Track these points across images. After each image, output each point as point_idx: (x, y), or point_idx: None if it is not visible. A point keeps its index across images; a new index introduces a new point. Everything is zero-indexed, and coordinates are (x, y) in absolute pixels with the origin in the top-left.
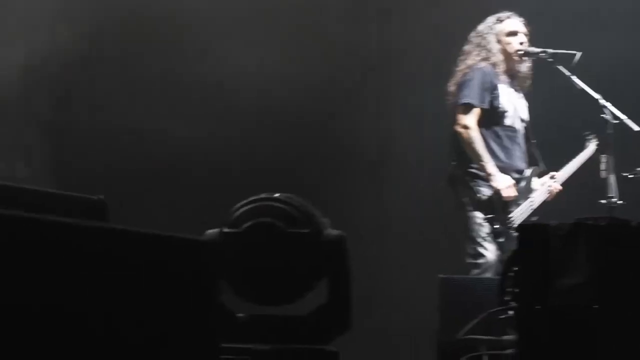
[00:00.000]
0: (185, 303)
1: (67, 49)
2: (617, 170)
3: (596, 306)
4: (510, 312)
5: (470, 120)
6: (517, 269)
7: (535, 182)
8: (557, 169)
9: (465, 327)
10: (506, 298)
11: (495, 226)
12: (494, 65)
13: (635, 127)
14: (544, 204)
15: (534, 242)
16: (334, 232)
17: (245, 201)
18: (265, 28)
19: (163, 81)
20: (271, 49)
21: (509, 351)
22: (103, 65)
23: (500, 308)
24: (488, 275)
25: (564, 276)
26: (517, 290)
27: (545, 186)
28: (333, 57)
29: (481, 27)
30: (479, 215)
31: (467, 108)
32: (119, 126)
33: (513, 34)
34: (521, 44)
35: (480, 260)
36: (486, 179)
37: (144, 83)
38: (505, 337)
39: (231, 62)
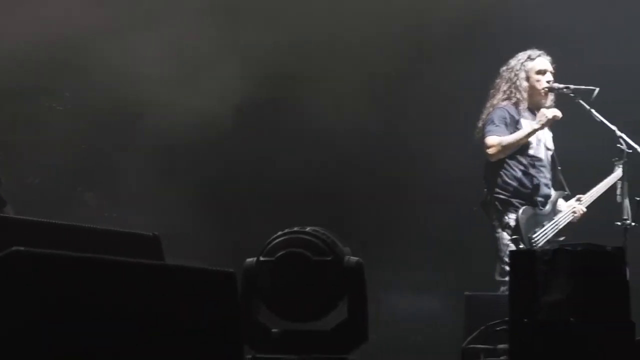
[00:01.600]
0: (219, 323)
1: None
2: (631, 195)
3: (573, 320)
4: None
5: (494, 141)
6: (510, 288)
7: (562, 205)
8: (582, 192)
9: (469, 338)
10: None
11: (520, 246)
12: (517, 101)
13: None
14: (570, 225)
15: (523, 266)
16: (353, 259)
17: (279, 233)
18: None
19: None
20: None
21: (502, 358)
22: None
23: (496, 322)
24: None
25: (548, 294)
26: (510, 305)
27: (570, 208)
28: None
29: (513, 63)
30: (505, 237)
31: (491, 137)
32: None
33: (542, 72)
34: (548, 82)
35: (507, 278)
36: (509, 197)
37: None
38: (500, 346)
39: None
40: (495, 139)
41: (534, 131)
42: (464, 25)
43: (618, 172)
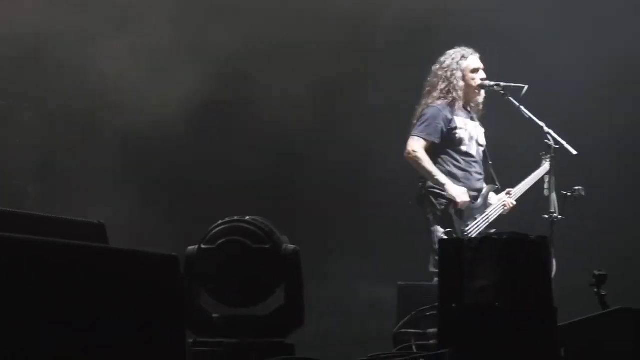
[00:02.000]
0: (162, 304)
1: None
2: (558, 189)
3: (498, 305)
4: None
5: (416, 146)
6: (439, 275)
7: (493, 199)
8: (512, 186)
9: (400, 323)
10: None
11: None
12: (453, 100)
13: (573, 152)
14: (501, 217)
15: (451, 254)
16: (290, 246)
17: (219, 222)
18: None
19: None
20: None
21: (432, 342)
22: None
23: (426, 307)
24: None
25: (475, 280)
26: (439, 291)
27: (501, 202)
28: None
29: (448, 62)
30: (439, 230)
31: (415, 139)
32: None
33: (476, 70)
34: (482, 79)
35: None
36: (442, 190)
37: None
38: (430, 330)
39: None
40: (419, 150)
41: (441, 184)
42: (408, 29)
43: (545, 167)
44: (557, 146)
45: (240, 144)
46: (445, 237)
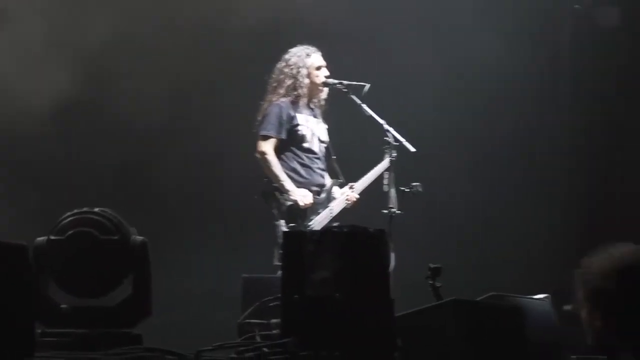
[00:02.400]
0: (10, 294)
1: None
2: (397, 184)
3: (338, 296)
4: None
5: (267, 148)
6: (282, 267)
7: (337, 193)
8: (355, 181)
9: (244, 314)
10: None
11: None
12: (297, 97)
13: (411, 149)
14: (345, 211)
15: (294, 246)
16: (138, 238)
17: (68, 213)
18: None
19: None
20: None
21: (275, 331)
22: None
23: (269, 298)
24: None
25: (316, 272)
26: (282, 283)
27: (344, 196)
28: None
29: (293, 60)
30: (283, 224)
31: (264, 138)
32: None
33: (319, 68)
34: (325, 77)
35: None
36: (286, 193)
37: None
38: (273, 321)
39: None
40: (269, 152)
41: (285, 191)
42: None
43: (386, 162)
44: (397, 143)
45: (94, 141)
46: (285, 232)
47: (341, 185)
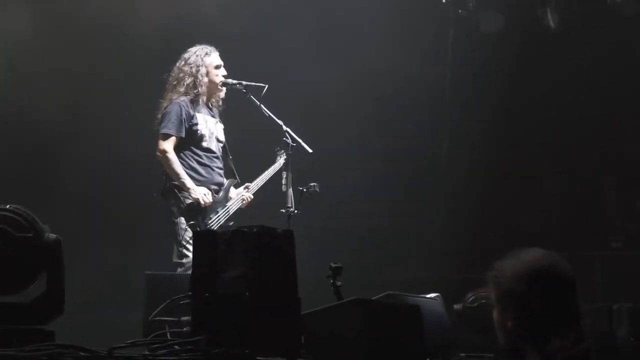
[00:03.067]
0: None
1: None
2: (295, 184)
3: (248, 294)
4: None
5: (167, 146)
6: (193, 265)
7: (233, 192)
8: (250, 181)
9: (155, 312)
10: None
11: (197, 230)
12: (196, 96)
13: (309, 149)
14: (240, 211)
15: (205, 245)
16: (52, 236)
17: None
18: None
19: None
20: None
21: (186, 329)
22: None
23: (180, 296)
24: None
25: (227, 271)
26: (193, 281)
27: (240, 196)
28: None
29: (192, 58)
30: (183, 221)
31: (165, 136)
32: None
33: (218, 67)
34: (224, 76)
35: (184, 260)
36: (186, 191)
37: None
38: (184, 318)
39: None
40: (170, 151)
41: (186, 188)
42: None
43: (280, 162)
44: (295, 144)
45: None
46: (189, 229)
47: (237, 185)
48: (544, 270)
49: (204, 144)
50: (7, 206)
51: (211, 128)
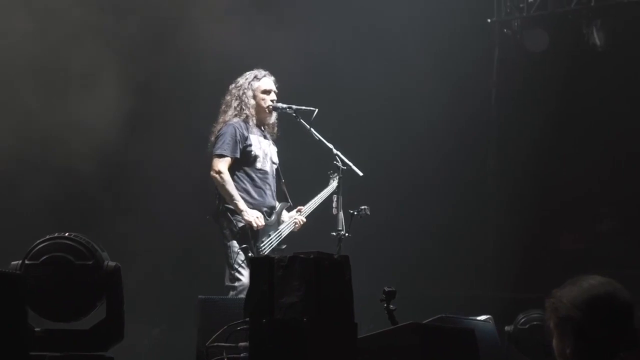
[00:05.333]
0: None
1: None
2: (345, 207)
3: (306, 319)
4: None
5: (222, 167)
6: (250, 291)
7: (285, 216)
8: (302, 204)
9: (213, 337)
10: None
11: (249, 254)
12: (247, 118)
13: (359, 173)
14: (292, 234)
15: (262, 270)
16: (112, 263)
17: (42, 238)
18: None
19: None
20: None
21: (244, 355)
22: None
23: (237, 322)
24: (243, 296)
25: (284, 297)
26: (250, 307)
27: (292, 219)
28: None
29: (242, 82)
30: (235, 245)
31: (220, 157)
32: None
33: (267, 92)
34: (272, 101)
35: (237, 284)
36: (239, 214)
37: None
38: (241, 344)
39: None
40: (225, 172)
41: (239, 211)
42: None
43: (332, 186)
44: (345, 167)
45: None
46: (241, 252)
47: (289, 209)
48: (601, 297)
49: (258, 165)
50: (67, 234)
51: (265, 149)
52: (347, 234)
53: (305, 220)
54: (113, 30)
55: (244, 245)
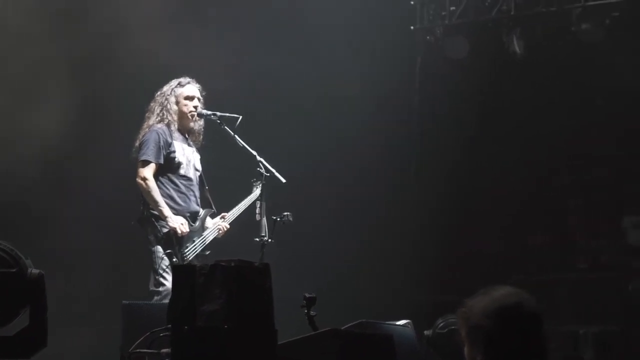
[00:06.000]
0: None
1: None
2: (268, 214)
3: (227, 326)
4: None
5: (147, 173)
6: (172, 298)
7: (209, 222)
8: (226, 211)
9: (136, 343)
10: None
11: (173, 259)
12: (169, 124)
13: (282, 180)
14: (216, 240)
15: (184, 278)
16: (35, 271)
17: None
18: None
19: None
20: None
21: None
22: None
23: (160, 328)
24: (167, 301)
25: (205, 304)
26: (172, 314)
27: (216, 225)
28: None
29: (165, 88)
30: (160, 250)
31: (144, 163)
32: None
33: (190, 98)
34: (195, 107)
35: (161, 289)
36: (164, 220)
37: None
38: (164, 350)
39: None
40: (150, 179)
41: (164, 217)
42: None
43: (256, 193)
44: (268, 174)
45: None
46: (165, 257)
47: (213, 215)
48: (510, 306)
49: (182, 172)
50: None
51: (188, 156)
52: (269, 240)
53: (229, 226)
54: (57, 38)
55: (169, 251)
